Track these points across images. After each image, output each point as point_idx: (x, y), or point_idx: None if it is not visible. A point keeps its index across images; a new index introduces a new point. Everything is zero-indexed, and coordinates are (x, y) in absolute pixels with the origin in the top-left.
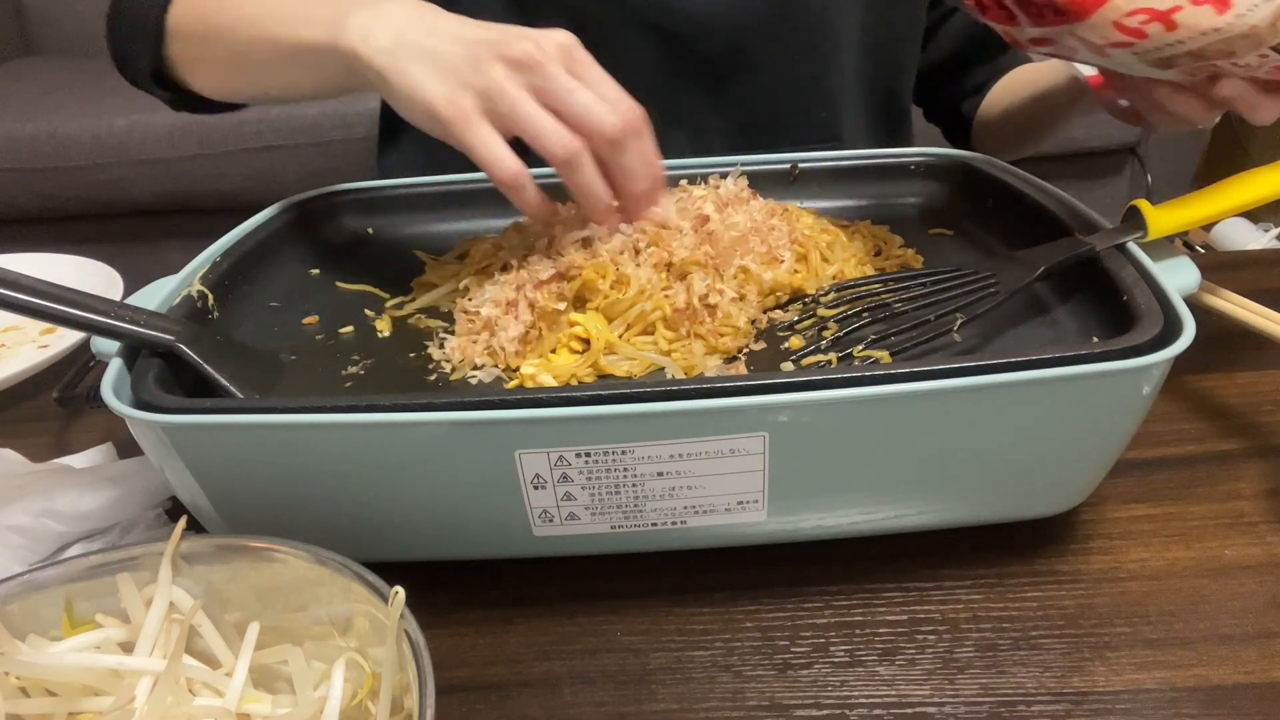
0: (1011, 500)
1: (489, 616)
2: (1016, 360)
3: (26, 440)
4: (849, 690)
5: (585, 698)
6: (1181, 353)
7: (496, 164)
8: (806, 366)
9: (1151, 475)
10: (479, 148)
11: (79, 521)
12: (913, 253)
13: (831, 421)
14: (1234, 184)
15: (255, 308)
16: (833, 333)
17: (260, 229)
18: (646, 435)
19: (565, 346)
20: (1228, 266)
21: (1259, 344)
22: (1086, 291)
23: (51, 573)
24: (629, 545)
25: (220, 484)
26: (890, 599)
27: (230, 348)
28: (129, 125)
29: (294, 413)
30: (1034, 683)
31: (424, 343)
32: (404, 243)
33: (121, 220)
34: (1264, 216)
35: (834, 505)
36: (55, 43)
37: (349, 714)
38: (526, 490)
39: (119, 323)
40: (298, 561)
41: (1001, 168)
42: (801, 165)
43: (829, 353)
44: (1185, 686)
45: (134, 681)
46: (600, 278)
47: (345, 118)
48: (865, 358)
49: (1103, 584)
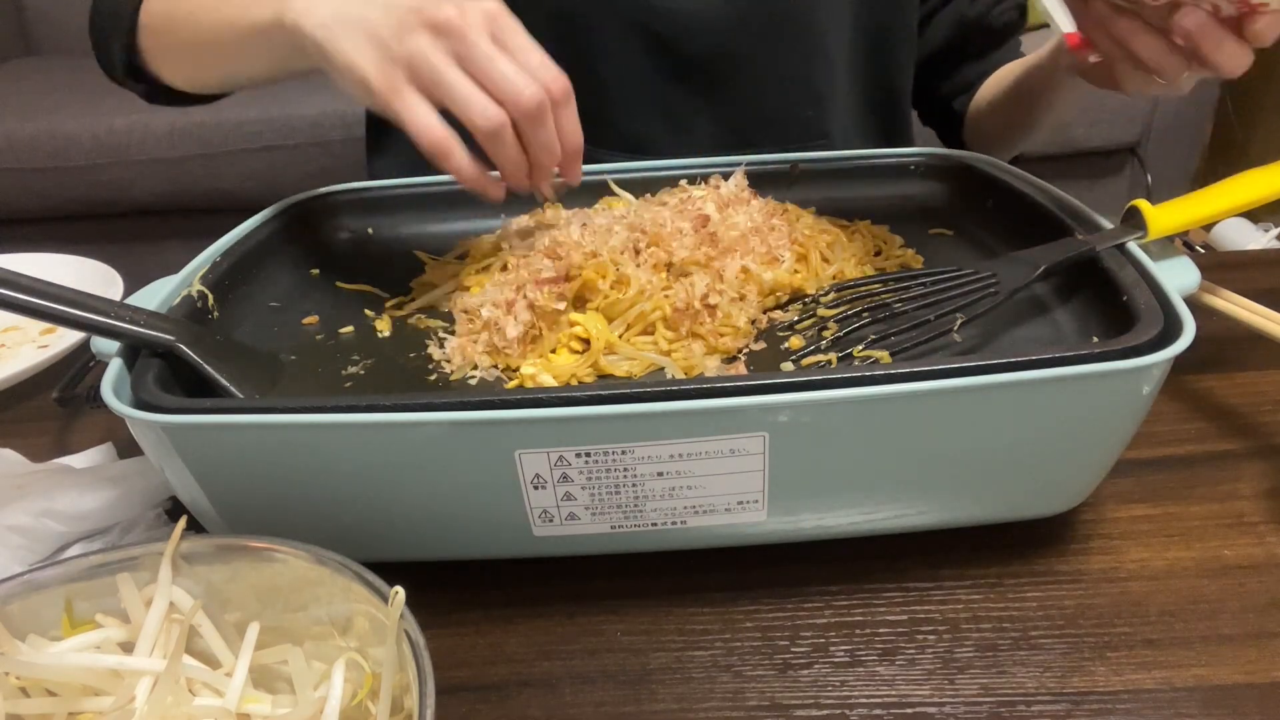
0: (1011, 500)
1: (489, 616)
2: (1016, 360)
3: (26, 440)
4: (849, 690)
5: (585, 698)
6: (1181, 353)
7: (422, 132)
8: (806, 366)
9: (1151, 475)
10: (405, 115)
11: (79, 521)
12: (913, 253)
13: (831, 421)
14: (1234, 184)
15: (255, 308)
16: (833, 333)
17: (260, 229)
18: (646, 435)
19: (565, 346)
20: (1228, 266)
21: (1259, 344)
22: (1086, 291)
23: (51, 573)
24: (629, 545)
25: (220, 484)
26: (890, 599)
27: (230, 348)
28: (129, 125)
29: (294, 413)
30: (1034, 683)
31: (424, 343)
32: (404, 243)
33: (121, 220)
34: (1264, 216)
35: (834, 505)
36: (55, 43)
37: (349, 714)
38: (526, 490)
39: (119, 323)
40: (298, 561)
41: (1001, 168)
42: (801, 165)
43: (829, 353)
44: (1185, 686)
45: (134, 681)
46: (600, 278)
47: (345, 118)
48: (865, 358)
49: (1103, 584)
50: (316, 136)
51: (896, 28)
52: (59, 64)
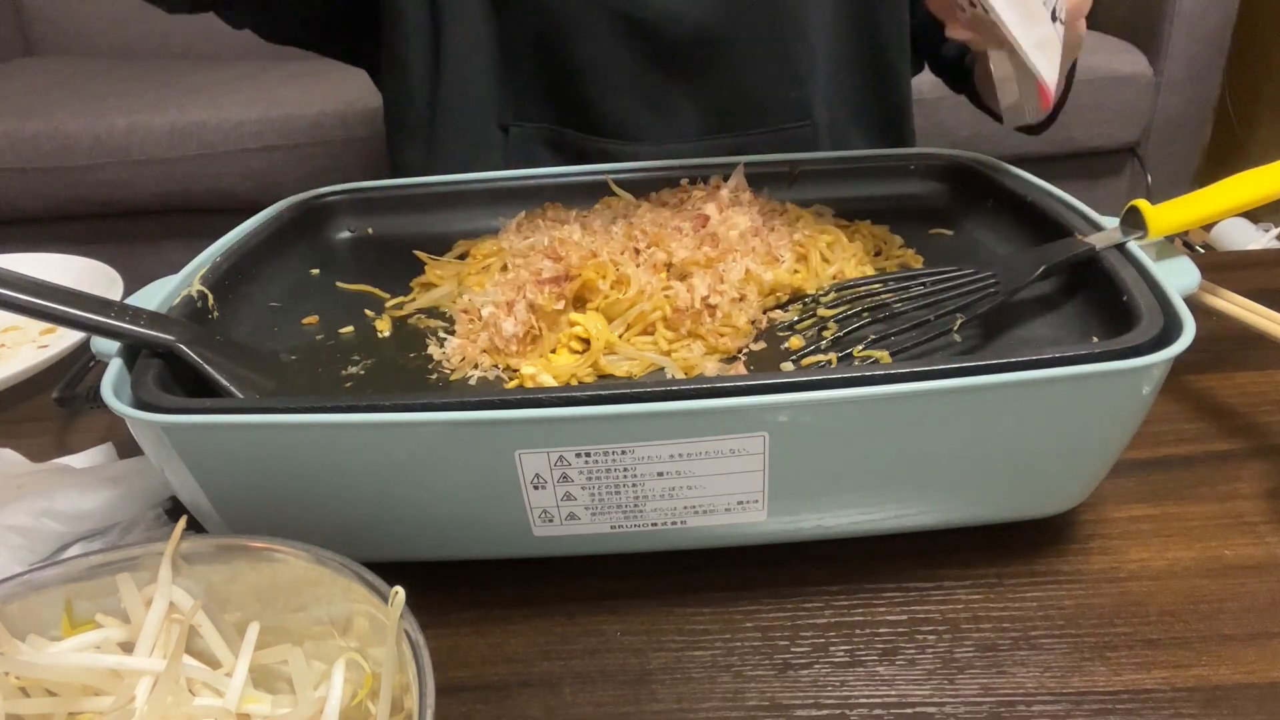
0: (1011, 500)
1: (489, 616)
2: (1016, 360)
3: (26, 440)
4: (849, 690)
5: (585, 698)
6: (1181, 353)
7: None
8: (806, 366)
9: (1151, 475)
10: None
11: (79, 521)
12: (913, 253)
13: (831, 421)
14: (1234, 184)
15: (255, 308)
16: (833, 333)
17: (260, 229)
18: (646, 435)
19: (565, 346)
20: (1228, 266)
21: (1259, 344)
22: (1086, 291)
23: (51, 573)
24: (629, 545)
25: (220, 484)
26: (890, 599)
27: (230, 348)
28: (129, 125)
29: (294, 413)
30: (1034, 683)
31: (424, 343)
32: (404, 243)
33: (121, 220)
34: (1264, 216)
35: (834, 505)
36: (55, 43)
37: (349, 714)
38: (526, 490)
39: (119, 323)
40: (298, 561)
41: (1001, 168)
42: (801, 165)
43: (829, 353)
44: (1185, 686)
45: (134, 681)
46: (600, 278)
47: (345, 118)
48: (865, 358)
49: (1103, 584)
50: (316, 136)
51: (883, 5)
52: (59, 64)
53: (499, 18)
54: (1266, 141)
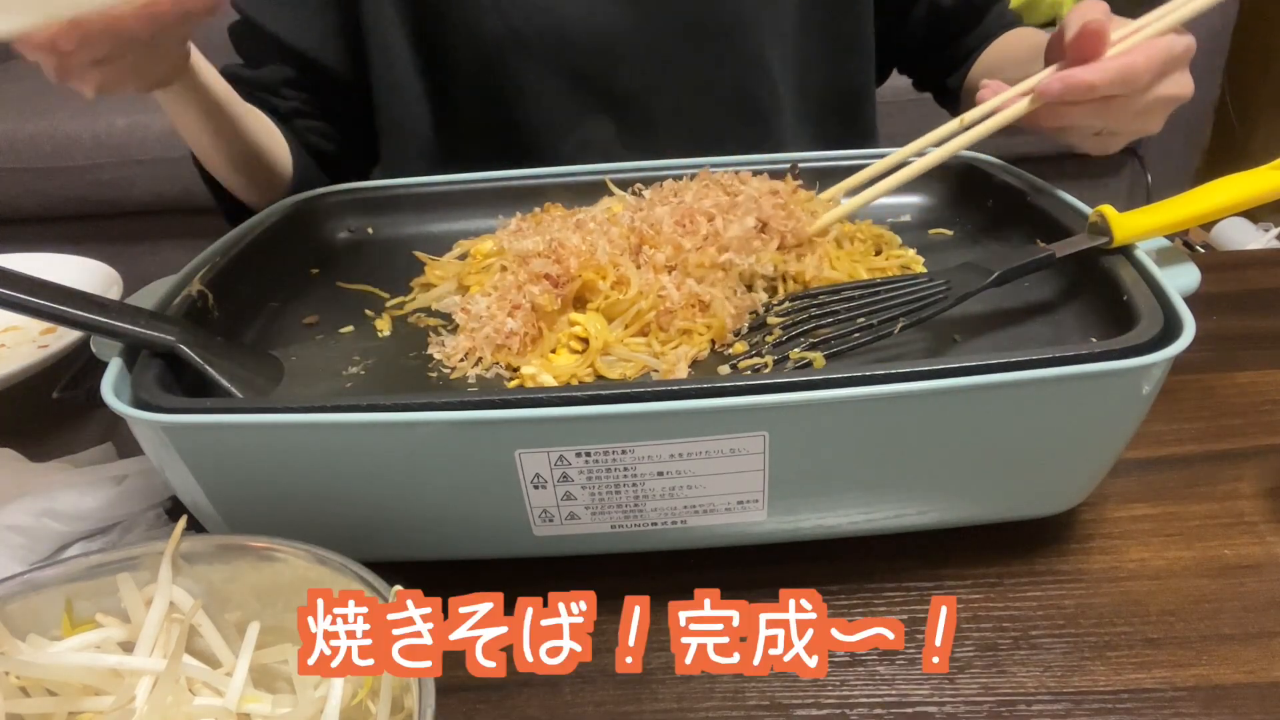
0: (1011, 500)
1: None
2: (1016, 360)
3: (26, 440)
4: (849, 690)
5: (585, 698)
6: (1181, 352)
7: None
8: (743, 369)
9: (1151, 475)
10: None
11: (79, 521)
12: (913, 253)
13: (831, 421)
14: (1206, 191)
15: (255, 308)
16: (775, 338)
17: (260, 229)
18: (647, 435)
19: (565, 346)
20: (1228, 266)
21: (1259, 344)
22: (1086, 291)
23: (51, 573)
24: (629, 545)
25: (220, 484)
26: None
27: (230, 348)
28: (129, 125)
29: (294, 413)
30: (1034, 682)
31: (424, 342)
32: (404, 243)
33: (121, 220)
34: (1264, 216)
35: (834, 505)
36: None
37: (349, 714)
38: (526, 490)
39: (119, 323)
40: (298, 561)
41: (1001, 168)
42: (801, 165)
43: (766, 356)
44: (1185, 686)
45: (134, 681)
46: (600, 278)
47: None
48: (800, 359)
49: (1103, 584)
50: None
51: (849, 34)
52: None
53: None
54: (1266, 141)
